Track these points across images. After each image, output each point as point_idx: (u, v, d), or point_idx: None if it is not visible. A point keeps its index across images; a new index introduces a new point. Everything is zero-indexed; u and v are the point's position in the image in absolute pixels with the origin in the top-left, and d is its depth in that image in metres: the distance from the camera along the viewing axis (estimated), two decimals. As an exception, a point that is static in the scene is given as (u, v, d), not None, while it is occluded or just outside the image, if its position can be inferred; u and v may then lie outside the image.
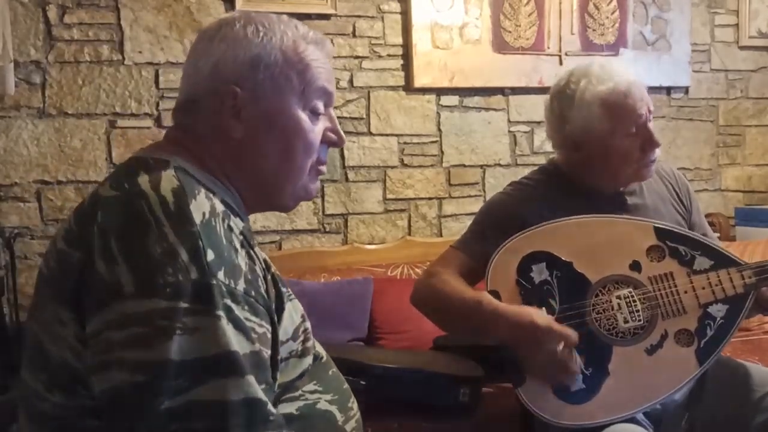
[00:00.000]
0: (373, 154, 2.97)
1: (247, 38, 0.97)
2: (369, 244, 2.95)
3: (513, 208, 1.67)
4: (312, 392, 0.98)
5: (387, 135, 2.98)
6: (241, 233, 0.92)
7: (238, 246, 0.89)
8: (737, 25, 3.41)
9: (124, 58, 2.70)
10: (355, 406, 1.07)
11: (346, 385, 1.08)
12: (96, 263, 0.82)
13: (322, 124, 1.03)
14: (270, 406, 0.86)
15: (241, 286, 0.85)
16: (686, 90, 3.36)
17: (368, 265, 2.81)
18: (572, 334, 1.46)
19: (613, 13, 3.17)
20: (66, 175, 2.66)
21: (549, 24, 3.08)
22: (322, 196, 2.92)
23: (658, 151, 1.63)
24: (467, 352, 2.02)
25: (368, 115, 2.96)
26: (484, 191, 3.08)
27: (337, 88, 2.90)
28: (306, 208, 2.90)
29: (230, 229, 0.89)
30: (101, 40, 2.68)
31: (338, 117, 3.20)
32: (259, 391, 0.84)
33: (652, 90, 3.19)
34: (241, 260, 0.88)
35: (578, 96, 1.61)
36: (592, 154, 1.63)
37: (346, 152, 2.93)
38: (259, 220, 2.81)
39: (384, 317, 2.58)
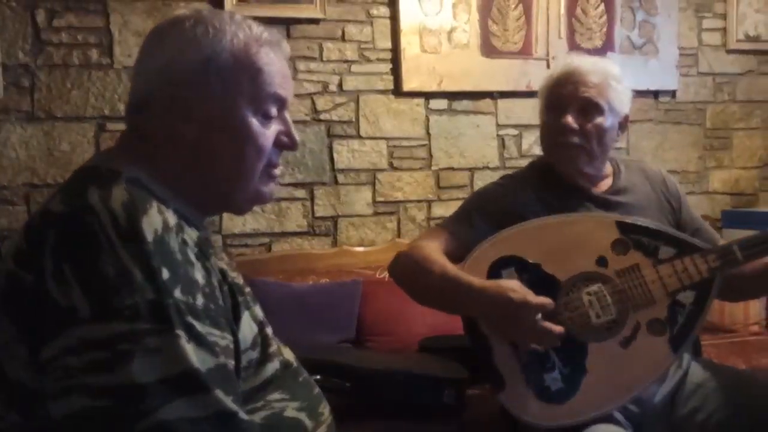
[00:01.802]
0: (363, 157, 2.98)
1: (196, 39, 0.95)
2: (358, 246, 2.96)
3: (501, 197, 1.70)
4: (278, 401, 0.98)
5: (376, 138, 2.99)
6: (196, 245, 0.91)
7: (193, 259, 0.88)
8: (725, 29, 3.43)
9: (113, 62, 2.71)
10: (327, 411, 1.07)
11: (317, 390, 1.07)
12: (49, 288, 0.81)
13: (274, 128, 1.00)
14: (242, 414, 0.85)
15: (200, 300, 0.85)
16: (673, 94, 3.37)
17: (357, 268, 2.81)
18: (548, 302, 1.47)
19: (600, 17, 3.19)
20: (55, 179, 2.66)
21: (537, 28, 3.09)
22: (312, 199, 2.93)
23: (574, 138, 1.65)
24: (452, 354, 2.03)
25: (357, 118, 2.97)
26: (473, 194, 3.09)
27: (327, 91, 2.92)
28: (295, 211, 2.91)
29: (184, 242, 0.88)
30: (90, 44, 2.69)
31: (328, 120, 3.19)
32: (228, 402, 0.84)
33: (640, 94, 3.22)
34: (198, 273, 0.87)
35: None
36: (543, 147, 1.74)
37: (335, 155, 2.94)
38: (249, 222, 2.82)
39: (372, 319, 2.59)
